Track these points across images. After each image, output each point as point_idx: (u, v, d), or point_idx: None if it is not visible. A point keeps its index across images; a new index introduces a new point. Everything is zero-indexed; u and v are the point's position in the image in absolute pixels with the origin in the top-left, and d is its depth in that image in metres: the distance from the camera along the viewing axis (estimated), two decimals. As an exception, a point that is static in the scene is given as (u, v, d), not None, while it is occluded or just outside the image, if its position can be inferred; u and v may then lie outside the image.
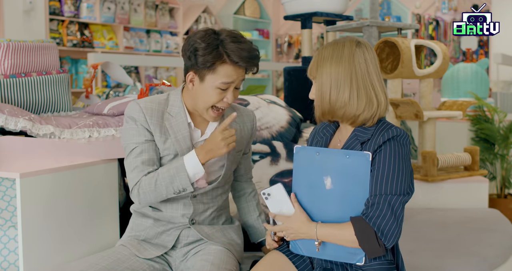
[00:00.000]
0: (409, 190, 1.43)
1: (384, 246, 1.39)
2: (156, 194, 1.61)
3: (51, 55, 2.44)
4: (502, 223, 2.66)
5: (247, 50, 1.57)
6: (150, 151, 1.64)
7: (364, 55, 1.47)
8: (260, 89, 4.44)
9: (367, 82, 1.46)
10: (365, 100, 1.45)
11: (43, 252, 1.86)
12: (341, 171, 1.45)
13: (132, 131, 1.66)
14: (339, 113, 1.48)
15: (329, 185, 1.46)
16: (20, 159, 1.94)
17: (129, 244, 1.71)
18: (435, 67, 3.19)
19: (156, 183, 1.59)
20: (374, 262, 1.45)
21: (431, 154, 2.97)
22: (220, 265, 1.59)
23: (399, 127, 1.47)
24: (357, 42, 1.49)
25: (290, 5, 3.70)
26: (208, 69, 1.57)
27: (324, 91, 1.47)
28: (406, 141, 1.45)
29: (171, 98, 1.70)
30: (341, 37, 1.54)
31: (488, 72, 7.29)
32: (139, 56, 6.38)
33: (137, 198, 1.64)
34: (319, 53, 1.51)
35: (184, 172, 1.57)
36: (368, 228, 1.38)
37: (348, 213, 1.44)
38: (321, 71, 1.48)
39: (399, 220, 1.39)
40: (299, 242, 1.53)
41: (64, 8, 6.21)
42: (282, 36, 9.50)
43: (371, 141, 1.45)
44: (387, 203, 1.39)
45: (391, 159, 1.42)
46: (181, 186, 1.58)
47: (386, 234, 1.38)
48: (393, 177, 1.41)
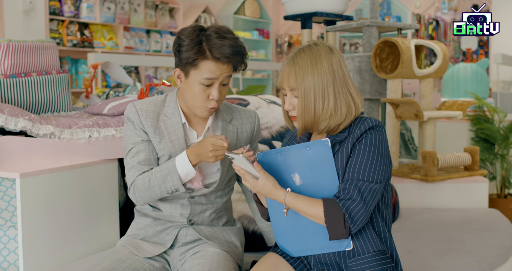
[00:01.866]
0: (381, 179, 1.44)
1: (349, 229, 1.40)
2: (150, 193, 1.62)
3: (51, 55, 2.44)
4: (502, 223, 2.66)
5: (230, 46, 1.56)
6: (146, 151, 1.65)
7: (338, 62, 1.47)
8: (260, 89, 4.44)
9: (345, 89, 1.47)
10: (346, 109, 1.46)
11: (43, 252, 1.86)
12: (306, 165, 1.46)
13: (130, 132, 1.68)
14: (322, 125, 1.47)
15: (298, 181, 1.48)
16: (20, 159, 1.94)
17: (128, 243, 1.71)
18: (435, 67, 3.19)
19: (150, 182, 1.61)
20: (366, 254, 1.46)
21: (431, 154, 2.97)
22: (218, 269, 1.59)
23: (374, 118, 1.49)
24: (330, 49, 1.48)
25: (290, 5, 3.70)
26: (191, 65, 1.57)
27: (307, 103, 1.46)
28: (383, 130, 1.48)
29: (168, 99, 1.71)
30: (309, 43, 1.50)
31: (488, 72, 7.29)
32: (139, 56, 6.38)
33: (133, 197, 1.66)
34: (294, 62, 1.47)
35: (175, 173, 1.58)
36: (337, 208, 1.40)
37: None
38: (301, 81, 1.45)
39: (368, 206, 1.41)
40: (286, 245, 1.56)
41: (64, 8, 6.21)
42: (282, 36, 9.50)
43: (349, 137, 1.47)
44: (358, 189, 1.40)
45: (369, 147, 1.44)
46: (173, 187, 1.59)
47: (353, 217, 1.39)
48: (366, 164, 1.42)
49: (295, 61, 1.47)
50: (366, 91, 3.30)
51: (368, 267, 1.44)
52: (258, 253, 2.08)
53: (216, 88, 1.60)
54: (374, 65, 3.16)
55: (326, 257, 1.51)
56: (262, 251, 2.07)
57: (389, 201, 1.57)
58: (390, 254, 1.51)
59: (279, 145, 2.45)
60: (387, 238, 1.51)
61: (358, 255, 1.46)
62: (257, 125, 1.81)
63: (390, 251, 1.51)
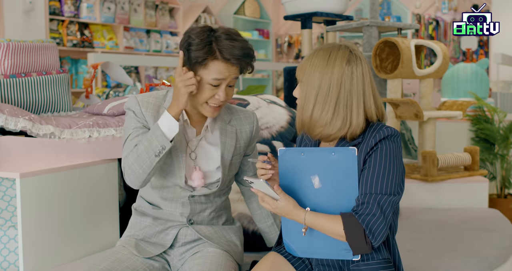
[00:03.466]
0: (399, 190, 1.43)
1: (371, 244, 1.39)
2: (140, 163, 1.57)
3: (51, 55, 2.44)
4: (502, 223, 2.67)
5: (240, 48, 1.57)
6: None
7: (351, 74, 1.44)
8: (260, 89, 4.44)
9: (348, 103, 1.44)
10: (340, 124, 1.44)
11: (43, 252, 1.86)
12: (328, 169, 1.44)
13: (131, 120, 1.67)
14: (316, 131, 1.47)
15: (317, 184, 1.46)
16: (20, 159, 1.94)
17: (128, 244, 1.71)
18: (435, 67, 3.19)
19: (138, 150, 1.57)
20: (371, 261, 1.45)
21: (431, 154, 2.97)
22: (217, 269, 1.58)
23: (390, 127, 1.47)
24: (348, 60, 1.44)
25: (290, 5, 3.70)
26: (200, 65, 1.57)
27: (307, 104, 1.46)
28: (399, 139, 1.46)
29: (169, 95, 1.72)
30: (334, 45, 1.48)
31: (488, 72, 7.29)
32: (139, 56, 6.38)
33: (127, 176, 1.61)
34: (311, 58, 1.47)
35: (158, 129, 1.56)
36: (357, 224, 1.38)
37: (338, 211, 1.44)
38: (308, 77, 1.46)
39: (388, 220, 1.39)
40: (293, 244, 1.54)
41: (64, 8, 6.21)
42: (282, 36, 9.50)
43: (363, 144, 1.45)
44: (377, 203, 1.39)
45: (384, 159, 1.42)
46: (159, 145, 1.55)
47: (374, 232, 1.38)
48: (383, 176, 1.41)
49: (312, 57, 1.48)
50: (366, 91, 3.30)
51: None
52: (258, 253, 2.08)
53: (223, 90, 1.61)
54: (374, 65, 3.16)
55: (329, 259, 1.51)
56: (262, 251, 2.07)
57: (398, 209, 1.57)
58: (393, 262, 1.51)
59: (280, 144, 2.45)
60: (390, 245, 1.51)
61: (363, 261, 1.46)
62: (256, 126, 1.81)
63: (394, 258, 1.51)
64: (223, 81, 1.60)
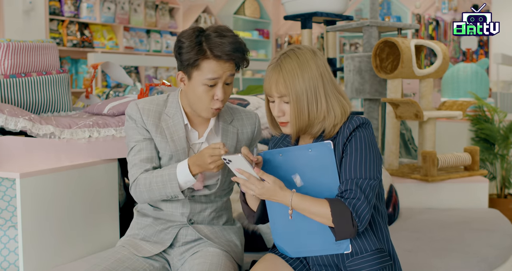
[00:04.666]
0: (378, 175, 1.45)
1: (356, 227, 1.40)
2: (150, 195, 1.64)
3: (51, 55, 2.44)
4: (502, 223, 2.66)
5: (230, 43, 1.55)
6: (148, 149, 1.66)
7: (324, 64, 1.49)
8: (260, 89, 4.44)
9: (334, 90, 1.49)
10: (339, 109, 1.47)
11: (43, 252, 1.86)
12: (307, 166, 1.46)
13: (132, 131, 1.69)
14: (315, 128, 1.48)
15: (299, 182, 1.47)
16: (20, 159, 1.94)
17: (128, 244, 1.71)
18: (435, 67, 3.19)
19: (151, 185, 1.61)
20: (365, 253, 1.46)
21: (431, 154, 2.97)
22: (217, 269, 1.58)
23: (359, 116, 1.50)
24: (313, 52, 1.49)
25: (290, 5, 3.71)
26: (193, 67, 1.57)
27: (300, 107, 1.46)
28: (370, 126, 1.49)
29: (170, 99, 1.71)
30: (290, 48, 1.50)
31: (488, 72, 7.29)
32: (139, 56, 6.38)
33: (134, 195, 1.67)
34: (281, 68, 1.46)
35: (175, 181, 1.58)
36: (344, 207, 1.40)
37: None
38: (292, 86, 1.45)
39: (371, 204, 1.42)
40: (284, 246, 1.55)
41: (64, 8, 6.21)
42: (282, 36, 9.50)
43: (338, 137, 1.47)
44: (358, 187, 1.41)
45: (360, 145, 1.45)
46: (173, 193, 1.61)
47: (359, 215, 1.39)
48: (360, 161, 1.43)
49: (282, 66, 1.46)
50: (366, 91, 3.30)
51: (367, 266, 1.45)
52: (258, 253, 2.08)
53: (220, 88, 1.60)
54: (374, 65, 3.16)
55: (324, 259, 1.52)
56: (262, 251, 2.07)
57: (383, 196, 1.59)
58: (387, 251, 1.51)
59: (279, 145, 2.44)
60: (383, 234, 1.52)
61: (356, 255, 1.46)
62: (258, 126, 1.81)
63: (387, 248, 1.52)
64: (218, 80, 1.59)
